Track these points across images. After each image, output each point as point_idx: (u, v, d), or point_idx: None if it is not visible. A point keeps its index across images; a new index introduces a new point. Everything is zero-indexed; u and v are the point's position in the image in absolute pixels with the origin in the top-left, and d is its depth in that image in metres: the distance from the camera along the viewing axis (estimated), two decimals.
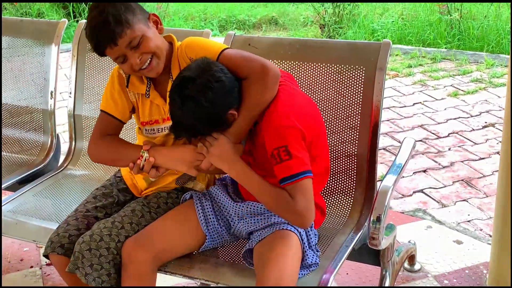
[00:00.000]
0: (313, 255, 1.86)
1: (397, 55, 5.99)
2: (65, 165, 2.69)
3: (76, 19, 7.53)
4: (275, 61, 2.27)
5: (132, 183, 2.14)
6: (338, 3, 6.94)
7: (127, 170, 2.12)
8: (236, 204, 1.96)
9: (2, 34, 2.91)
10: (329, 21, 7.01)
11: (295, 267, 1.77)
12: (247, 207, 1.94)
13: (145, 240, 1.86)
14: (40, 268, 2.77)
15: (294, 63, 2.29)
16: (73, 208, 2.11)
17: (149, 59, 1.85)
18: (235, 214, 1.96)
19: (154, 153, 1.89)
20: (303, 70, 2.28)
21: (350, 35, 6.78)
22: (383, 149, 3.89)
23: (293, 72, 2.28)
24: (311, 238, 1.87)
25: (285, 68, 2.29)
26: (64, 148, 2.83)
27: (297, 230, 1.82)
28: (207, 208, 1.97)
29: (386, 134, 4.14)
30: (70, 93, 2.69)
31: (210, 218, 1.95)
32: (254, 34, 7.81)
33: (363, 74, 2.18)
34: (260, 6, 8.79)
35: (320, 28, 7.23)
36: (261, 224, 1.89)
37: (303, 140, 1.73)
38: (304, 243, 1.83)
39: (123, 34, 1.78)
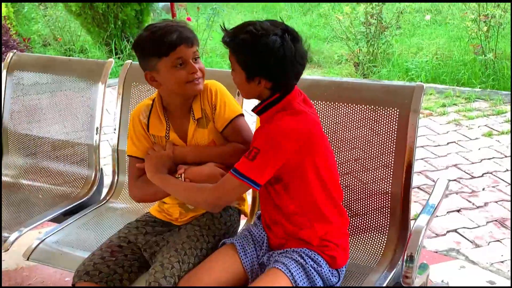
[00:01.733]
0: None
1: (431, 94, 6.03)
2: (107, 198, 2.80)
3: (118, 56, 7.80)
4: (312, 101, 2.35)
5: (166, 216, 2.24)
6: (373, 42, 7.03)
7: (156, 208, 2.27)
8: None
9: (46, 70, 3.08)
10: (363, 59, 7.09)
11: None
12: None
13: (197, 278, 1.92)
14: None
15: (330, 104, 2.37)
16: None
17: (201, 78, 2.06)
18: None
19: (187, 175, 2.04)
20: (338, 110, 2.35)
21: (384, 73, 6.84)
22: (417, 187, 3.91)
23: (328, 111, 2.36)
24: (316, 279, 1.90)
25: (321, 108, 2.37)
26: (107, 181, 2.95)
27: (289, 270, 1.86)
28: (250, 252, 2.01)
29: (420, 172, 4.16)
30: (115, 129, 2.81)
31: (254, 264, 2.01)
32: None
33: (397, 115, 2.24)
34: None
35: (355, 66, 7.32)
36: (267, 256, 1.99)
37: (278, 161, 1.81)
38: (298, 284, 1.85)
39: (195, 43, 2.04)
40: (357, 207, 2.32)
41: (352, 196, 2.32)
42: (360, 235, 2.29)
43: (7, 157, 3.14)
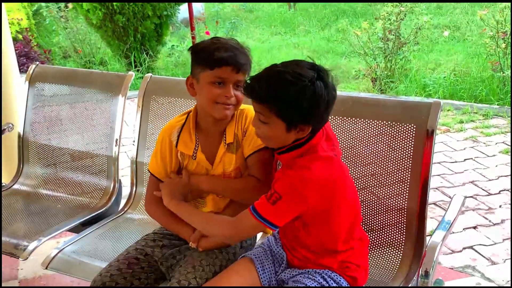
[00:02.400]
0: None
1: (448, 110, 6.02)
2: (125, 209, 2.83)
3: (137, 68, 7.88)
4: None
5: None
6: (390, 58, 7.03)
7: None
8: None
9: (68, 82, 3.13)
10: (380, 75, 7.09)
11: None
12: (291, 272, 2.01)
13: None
14: None
15: (346, 119, 2.38)
16: None
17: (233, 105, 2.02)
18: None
19: (202, 244, 2.06)
20: (354, 125, 2.36)
21: (401, 89, 6.84)
22: (433, 204, 3.90)
23: (345, 127, 2.37)
24: None
25: (337, 123, 2.38)
26: (125, 192, 2.98)
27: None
28: (268, 268, 2.01)
29: (436, 189, 4.16)
30: (134, 141, 2.84)
31: (272, 280, 2.00)
32: None
33: (414, 132, 2.24)
34: (313, 58, 8.94)
35: (372, 81, 7.31)
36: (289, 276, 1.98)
37: (299, 209, 1.78)
38: None
39: (243, 71, 1.97)
40: (373, 222, 2.32)
41: (368, 212, 2.33)
42: (375, 250, 2.29)
43: (27, 166, 3.20)
